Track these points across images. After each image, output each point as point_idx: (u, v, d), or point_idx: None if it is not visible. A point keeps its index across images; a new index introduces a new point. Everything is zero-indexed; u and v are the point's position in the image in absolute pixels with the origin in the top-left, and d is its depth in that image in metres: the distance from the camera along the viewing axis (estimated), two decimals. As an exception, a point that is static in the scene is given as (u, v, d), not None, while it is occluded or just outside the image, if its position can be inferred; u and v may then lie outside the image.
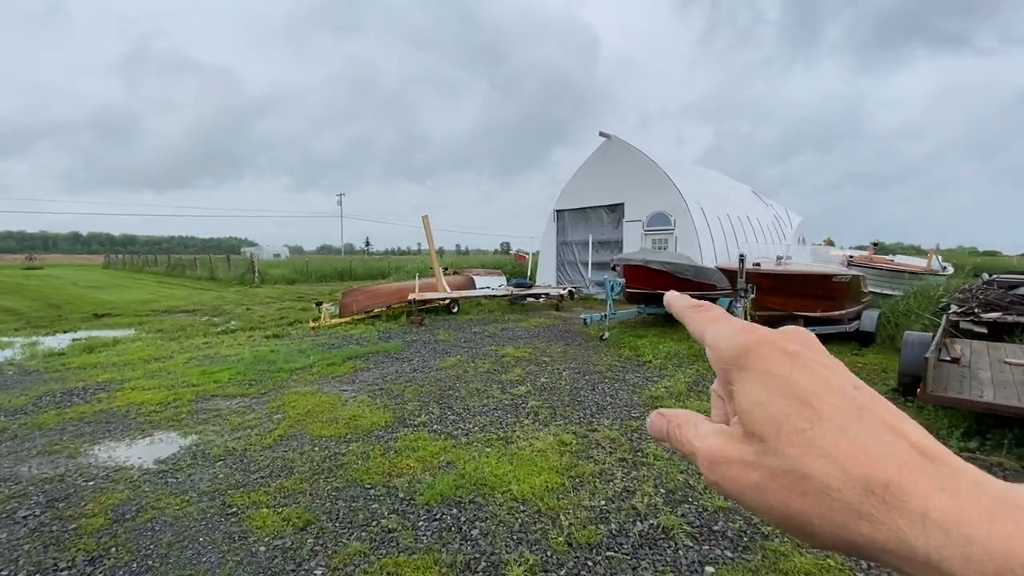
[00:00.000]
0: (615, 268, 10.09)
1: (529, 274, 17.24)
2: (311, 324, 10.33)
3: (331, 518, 3.18)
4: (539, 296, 13.88)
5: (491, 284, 13.84)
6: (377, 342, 8.68)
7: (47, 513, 3.27)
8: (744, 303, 7.65)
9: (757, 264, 8.69)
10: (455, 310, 12.10)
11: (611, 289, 9.59)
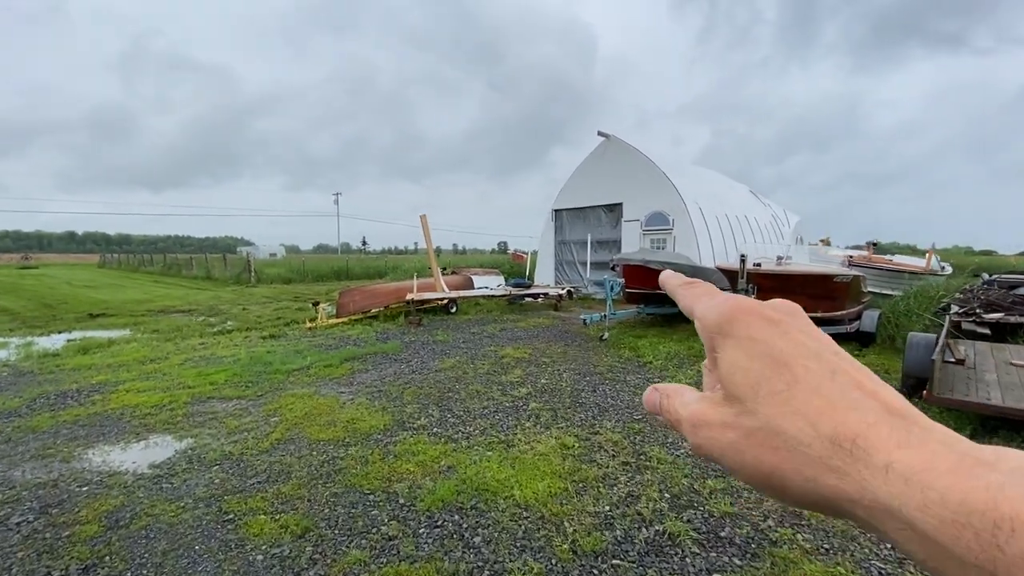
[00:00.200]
0: (614, 268, 10.05)
1: (527, 274, 17.18)
2: (308, 324, 10.24)
3: (330, 525, 3.12)
4: (538, 296, 13.81)
5: (489, 284, 13.76)
6: (375, 343, 8.61)
7: (40, 519, 3.20)
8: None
9: (758, 264, 8.66)
10: (453, 310, 12.03)
11: (611, 289, 9.54)
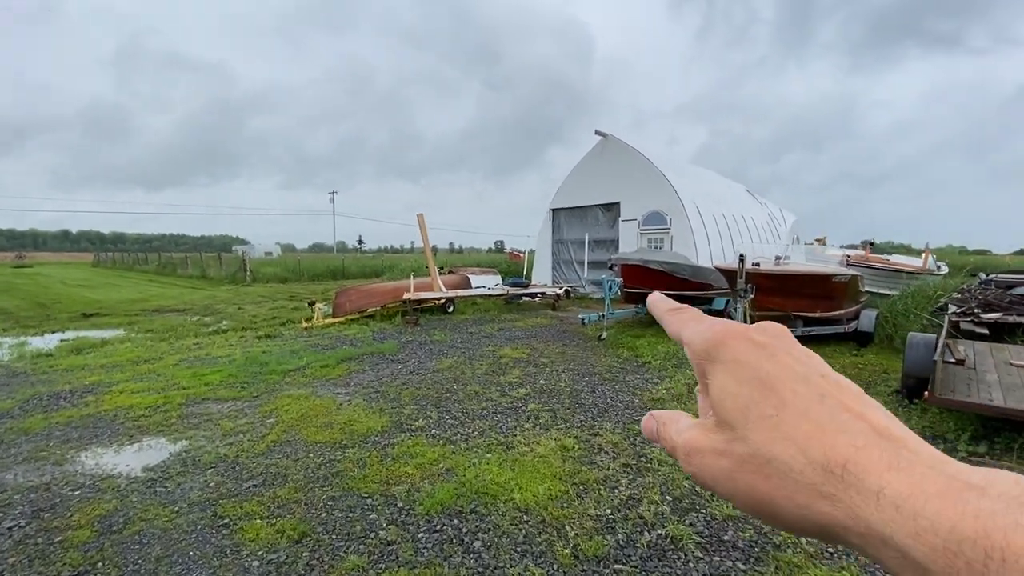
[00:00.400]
0: (612, 267, 10.02)
1: (525, 273, 17.13)
2: (304, 324, 10.16)
3: (327, 530, 3.07)
4: (535, 295, 13.76)
5: (487, 283, 13.71)
6: (372, 343, 8.55)
7: (32, 524, 3.14)
8: (744, 303, 7.58)
9: (756, 264, 8.65)
10: (451, 310, 11.97)
11: (609, 289, 9.51)
